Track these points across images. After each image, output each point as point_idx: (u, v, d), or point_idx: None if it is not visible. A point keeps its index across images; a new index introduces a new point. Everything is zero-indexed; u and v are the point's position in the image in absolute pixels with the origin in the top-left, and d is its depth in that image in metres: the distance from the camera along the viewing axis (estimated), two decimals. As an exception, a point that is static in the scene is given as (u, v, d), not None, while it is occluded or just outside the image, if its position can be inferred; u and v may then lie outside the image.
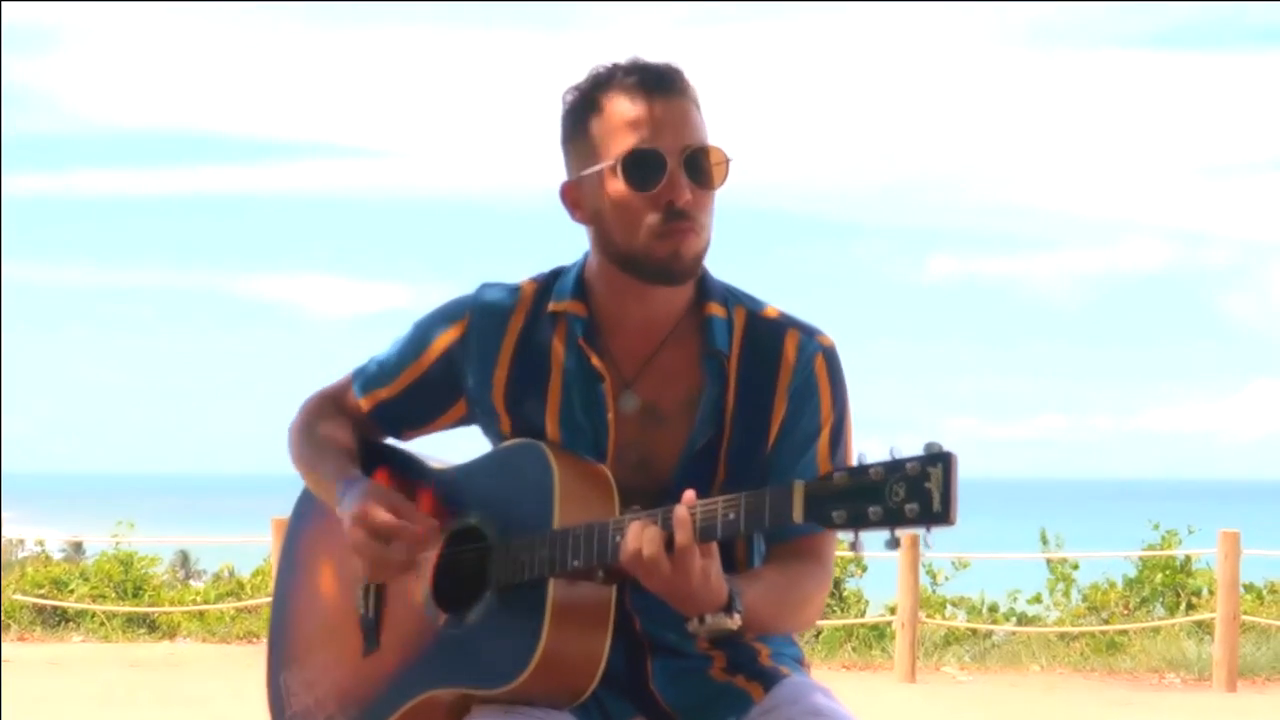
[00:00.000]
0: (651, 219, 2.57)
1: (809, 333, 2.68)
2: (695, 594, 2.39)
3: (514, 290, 2.72)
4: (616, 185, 2.58)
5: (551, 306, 2.68)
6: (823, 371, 2.66)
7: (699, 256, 2.60)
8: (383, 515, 2.59)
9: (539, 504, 2.55)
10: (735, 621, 2.43)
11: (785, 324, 2.68)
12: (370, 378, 2.80)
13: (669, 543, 2.38)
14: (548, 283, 2.72)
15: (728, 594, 2.42)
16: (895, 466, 2.21)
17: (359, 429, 2.82)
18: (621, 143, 2.58)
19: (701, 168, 2.58)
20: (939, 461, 2.18)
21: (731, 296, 2.69)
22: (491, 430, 2.72)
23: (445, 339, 2.73)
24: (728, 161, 2.61)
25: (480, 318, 2.71)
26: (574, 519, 2.51)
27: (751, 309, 2.69)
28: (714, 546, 2.40)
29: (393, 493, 2.65)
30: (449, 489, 2.71)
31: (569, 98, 2.65)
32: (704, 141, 2.59)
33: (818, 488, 2.28)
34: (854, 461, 2.29)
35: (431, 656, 2.62)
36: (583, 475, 2.58)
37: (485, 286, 2.74)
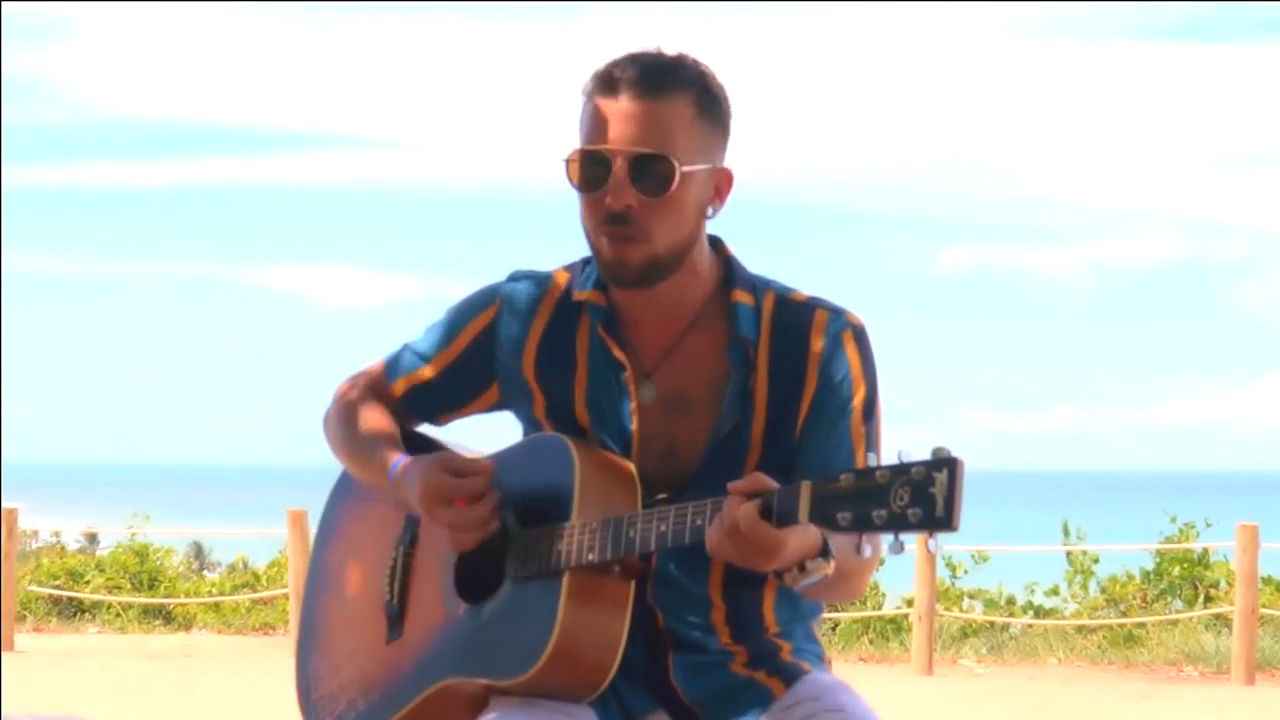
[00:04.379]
0: (595, 220, 2.57)
1: (837, 312, 2.66)
2: (795, 547, 2.35)
3: (545, 279, 2.72)
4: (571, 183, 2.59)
5: (575, 295, 2.68)
6: (852, 347, 2.64)
7: (649, 263, 2.57)
8: (449, 480, 2.59)
9: (559, 497, 2.55)
10: (831, 566, 2.40)
11: (813, 305, 2.67)
12: (404, 364, 2.80)
13: (765, 513, 2.33)
14: (577, 271, 2.71)
15: (821, 538, 2.38)
16: (901, 470, 2.22)
17: (394, 415, 2.81)
18: (580, 143, 2.58)
19: (651, 174, 2.54)
20: (944, 467, 2.18)
21: (760, 283, 2.68)
22: (525, 415, 2.72)
23: (476, 325, 2.73)
24: (678, 171, 2.54)
25: (510, 305, 2.71)
26: (593, 513, 2.51)
27: (780, 294, 2.67)
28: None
29: (451, 455, 2.65)
30: None
31: (584, 85, 2.64)
32: (658, 149, 2.53)
33: (824, 489, 2.28)
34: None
35: (450, 645, 2.63)
36: (605, 469, 2.58)
37: (516, 274, 2.75)
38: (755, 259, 2.72)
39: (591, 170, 2.56)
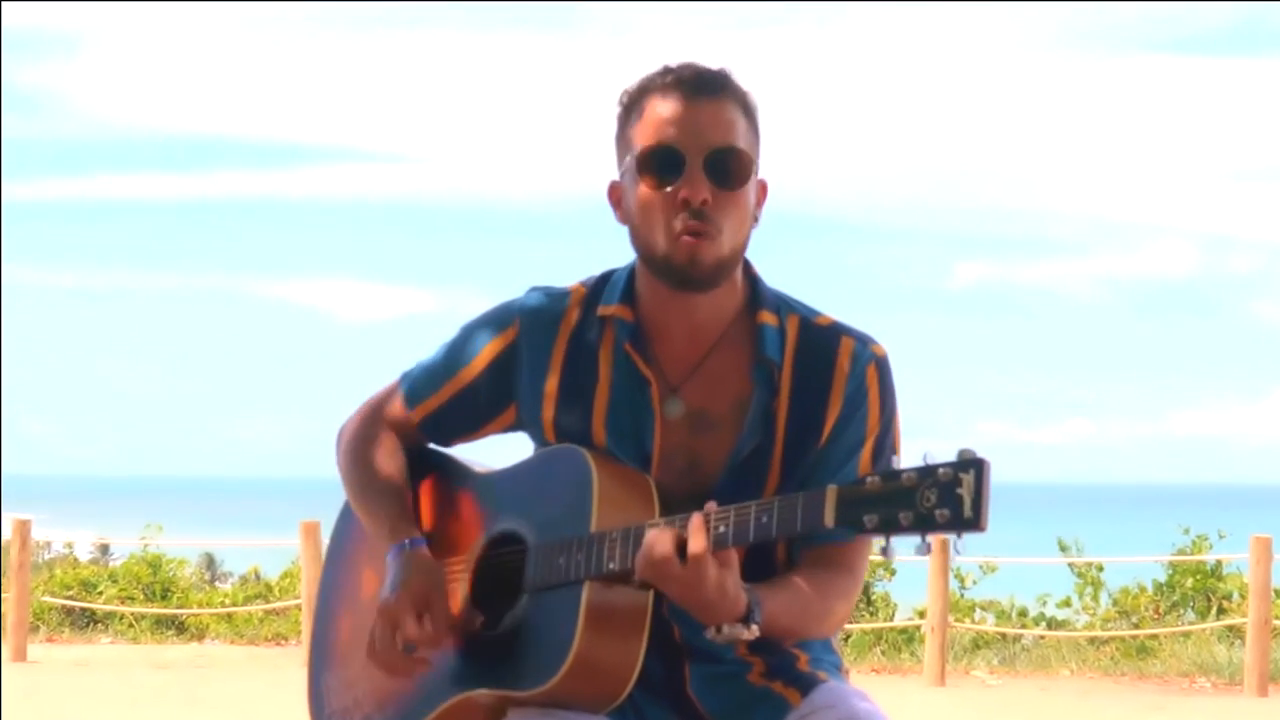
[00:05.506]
0: (669, 218, 2.56)
1: (863, 341, 2.67)
2: (711, 603, 2.40)
3: (563, 295, 2.71)
4: (638, 182, 2.59)
5: (600, 310, 2.67)
6: (874, 382, 2.64)
7: (720, 262, 2.58)
8: (411, 622, 2.59)
9: (577, 508, 2.55)
10: (753, 632, 2.43)
11: (839, 331, 2.67)
12: (417, 386, 2.78)
13: (682, 549, 2.38)
14: (597, 286, 2.70)
15: (745, 605, 2.42)
16: (928, 472, 2.23)
17: (407, 442, 2.80)
18: (647, 141, 2.58)
19: (725, 169, 2.56)
20: (971, 468, 2.20)
21: (784, 305, 2.68)
22: (539, 436, 2.71)
23: (494, 346, 2.71)
24: (753, 164, 2.59)
25: (530, 324, 2.70)
26: (612, 523, 2.51)
27: (805, 317, 2.68)
28: (732, 557, 2.40)
29: (434, 585, 2.63)
30: (490, 492, 2.72)
31: (620, 98, 2.65)
32: (731, 143, 2.57)
33: (850, 492, 2.29)
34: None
35: (468, 658, 2.63)
36: (622, 480, 2.58)
37: (533, 291, 2.73)
38: (769, 272, 2.73)
39: (664, 165, 2.57)
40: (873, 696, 2.66)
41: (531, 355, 2.69)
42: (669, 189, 2.56)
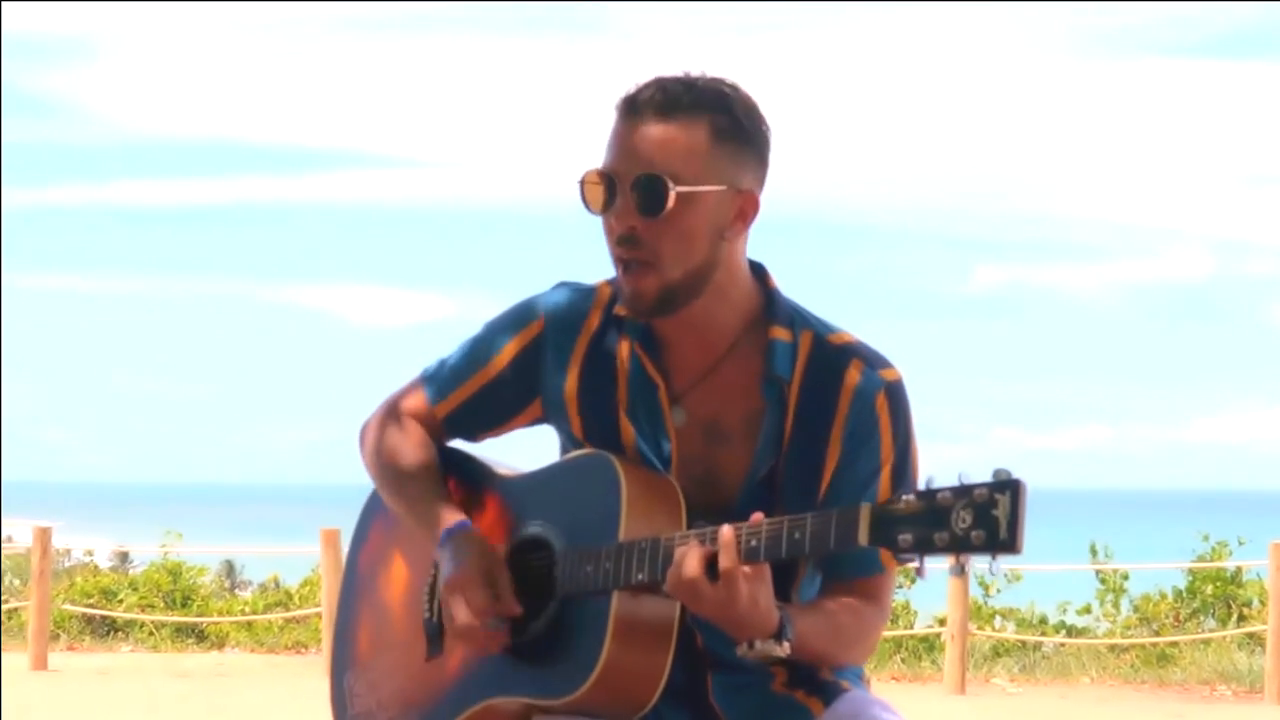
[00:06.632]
0: (610, 246, 2.57)
1: (873, 365, 2.61)
2: (743, 619, 2.39)
3: (589, 293, 2.71)
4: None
5: (617, 309, 2.66)
6: (884, 410, 2.60)
7: (667, 289, 2.55)
8: (481, 597, 2.57)
9: (606, 516, 2.54)
10: (785, 649, 2.43)
11: (850, 354, 2.61)
12: (441, 383, 2.77)
13: (712, 565, 2.37)
14: (620, 285, 2.68)
15: (778, 620, 2.42)
16: (963, 492, 2.22)
17: (433, 436, 2.79)
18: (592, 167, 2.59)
19: (646, 196, 2.52)
20: (1007, 489, 2.19)
21: (800, 319, 2.64)
22: (565, 431, 2.71)
23: (518, 342, 2.71)
24: (671, 191, 2.50)
25: (555, 320, 2.69)
26: (640, 532, 2.51)
27: (819, 333, 2.63)
28: (765, 570, 2.40)
29: (495, 560, 2.62)
30: (516, 497, 2.71)
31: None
32: (650, 170, 2.52)
33: (884, 510, 2.29)
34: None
35: (493, 665, 2.62)
36: (651, 488, 2.57)
37: (560, 286, 2.73)
38: (787, 278, 2.70)
39: (604, 192, 2.56)
40: (893, 704, 2.65)
41: (554, 352, 2.68)
42: (606, 216, 2.56)
